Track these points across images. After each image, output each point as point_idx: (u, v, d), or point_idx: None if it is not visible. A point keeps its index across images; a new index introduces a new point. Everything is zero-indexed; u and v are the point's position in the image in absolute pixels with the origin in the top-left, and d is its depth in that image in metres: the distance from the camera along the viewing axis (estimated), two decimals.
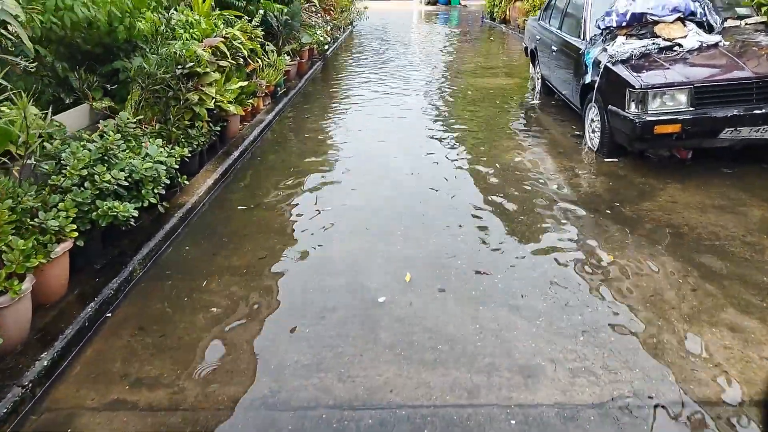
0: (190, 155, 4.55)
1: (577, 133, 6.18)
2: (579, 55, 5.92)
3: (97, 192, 3.27)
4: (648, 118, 4.62)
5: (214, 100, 5.16)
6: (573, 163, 5.33)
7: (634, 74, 4.78)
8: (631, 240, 3.78)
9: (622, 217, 4.12)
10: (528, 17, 15.25)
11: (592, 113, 5.57)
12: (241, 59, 6.48)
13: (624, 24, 5.39)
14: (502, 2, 18.18)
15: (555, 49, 6.89)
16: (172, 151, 4.31)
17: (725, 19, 5.49)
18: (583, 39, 6.02)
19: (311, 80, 9.90)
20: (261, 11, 7.69)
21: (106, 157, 3.53)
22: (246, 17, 7.36)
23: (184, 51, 4.87)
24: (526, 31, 9.05)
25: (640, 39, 5.25)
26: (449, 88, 8.99)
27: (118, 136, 3.61)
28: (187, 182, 4.49)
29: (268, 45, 8.27)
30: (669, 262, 3.47)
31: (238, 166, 5.50)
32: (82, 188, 3.24)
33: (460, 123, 6.89)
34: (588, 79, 5.53)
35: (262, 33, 7.70)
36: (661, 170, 4.99)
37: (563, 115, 6.95)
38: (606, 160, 5.28)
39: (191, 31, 5.39)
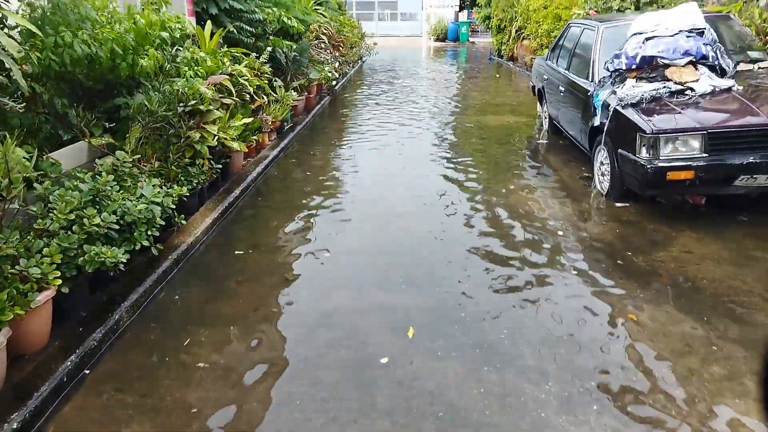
0: (188, 194, 4.44)
1: (586, 174, 6.03)
2: (587, 97, 5.83)
3: (86, 236, 3.14)
4: (660, 164, 4.47)
5: (216, 138, 5.08)
6: (582, 207, 5.18)
7: (645, 118, 4.66)
8: (644, 295, 3.59)
9: (635, 269, 3.93)
10: (535, 55, 15.35)
11: (602, 156, 5.44)
12: (247, 96, 6.44)
13: (633, 67, 5.30)
14: (510, 40, 18.33)
15: (563, 89, 6.81)
16: (170, 190, 4.21)
17: (737, 63, 5.39)
18: (592, 80, 5.93)
19: (319, 115, 9.89)
20: (269, 48, 7.70)
21: (98, 198, 3.41)
22: (254, 54, 7.37)
23: (187, 89, 4.81)
24: (534, 70, 9.02)
25: (651, 82, 5.15)
26: (457, 126, 8.92)
27: (111, 177, 3.49)
28: (184, 221, 4.37)
29: (275, 81, 8.27)
30: (687, 321, 3.26)
31: (239, 204, 5.38)
32: (69, 232, 3.11)
33: (467, 162, 6.77)
34: (597, 121, 5.41)
35: (270, 69, 7.69)
36: (674, 217, 4.82)
37: (571, 155, 6.82)
38: (616, 204, 5.12)
39: (196, 68, 5.36)
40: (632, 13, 8.53)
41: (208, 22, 6.53)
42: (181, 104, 4.78)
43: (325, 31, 10.12)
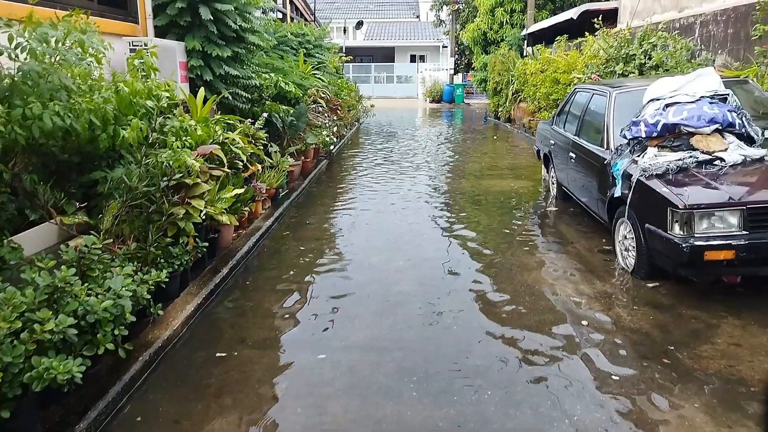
0: (168, 279, 3.93)
1: (606, 247, 5.58)
2: (603, 166, 5.46)
3: (35, 345, 2.61)
4: (696, 243, 4.02)
5: (203, 213, 4.63)
6: (607, 287, 4.68)
7: (675, 191, 4.25)
8: (701, 403, 3.04)
9: (682, 369, 3.39)
10: (533, 117, 15.29)
11: (624, 229, 5.00)
12: (240, 164, 6.06)
13: (654, 135, 4.95)
14: (507, 102, 18.40)
15: (573, 156, 6.47)
16: (146, 276, 3.70)
17: (764, 130, 5.05)
18: (606, 148, 5.58)
19: (315, 180, 9.53)
20: (265, 113, 7.41)
21: (56, 296, 2.90)
22: (250, 120, 7.06)
23: (172, 161, 4.40)
24: (538, 135, 8.75)
25: (675, 151, 4.79)
26: (457, 192, 8.55)
27: (72, 270, 2.99)
28: (161, 312, 3.83)
29: (271, 146, 7.94)
30: None
31: (226, 286, 4.86)
32: (16, 341, 2.59)
33: (471, 234, 6.32)
34: (617, 192, 5.01)
35: (266, 134, 7.37)
36: (711, 299, 4.32)
37: (585, 225, 6.40)
38: (646, 285, 4.63)
39: (185, 138, 4.97)
40: (636, 78, 8.35)
41: (201, 89, 6.23)
42: (165, 178, 4.35)
43: (322, 95, 9.93)
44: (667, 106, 4.96)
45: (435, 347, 3.75)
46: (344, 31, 30.10)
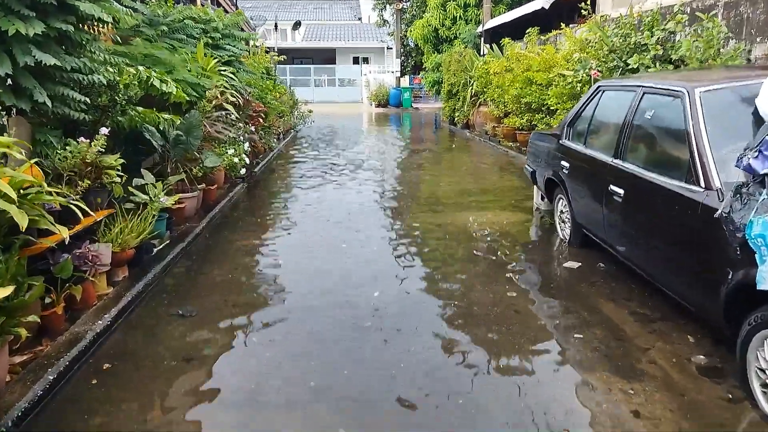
0: None
1: (703, 360, 3.10)
2: (704, 220, 3.01)
3: None
4: None
5: None
6: None
7: None
8: None
9: None
10: (499, 123, 12.99)
11: None
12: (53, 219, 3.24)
13: None
14: (465, 106, 16.09)
15: (619, 191, 4.00)
16: None
17: None
18: (706, 187, 3.14)
19: (220, 217, 6.69)
20: (105, 129, 4.50)
21: None
22: (85, 138, 4.21)
23: None
24: (533, 150, 6.30)
25: None
26: (419, 230, 5.96)
27: None
28: None
29: (143, 177, 5.12)
30: None
31: None
32: None
33: (461, 327, 3.73)
34: (763, 279, 2.54)
35: (120, 159, 4.52)
36: None
37: (644, 301, 3.94)
38: None
39: None
40: (685, 71, 6.04)
41: None
42: None
43: (232, 99, 7.19)
44: None
45: None
46: (275, 27, 27.08)
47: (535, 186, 6.53)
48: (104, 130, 4.26)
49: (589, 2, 8.85)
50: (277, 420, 2.78)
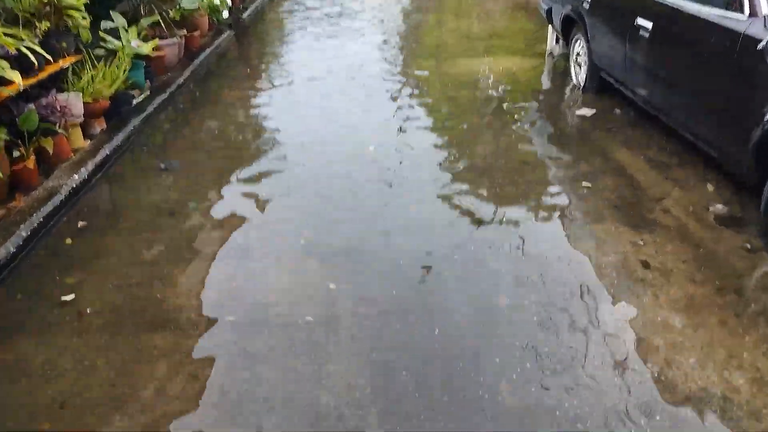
0: None
1: (753, 240, 2.87)
2: (744, 54, 2.60)
3: None
4: None
5: None
6: None
7: None
8: None
9: None
10: None
11: None
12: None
13: None
14: None
15: (647, 24, 3.50)
16: None
17: None
18: (745, 11, 2.68)
19: (206, 66, 6.17)
20: None
21: None
22: None
23: None
24: None
25: None
26: (432, 86, 5.49)
27: None
28: None
29: (114, 20, 4.58)
30: None
31: None
32: None
33: (464, 180, 3.50)
34: None
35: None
36: None
37: (661, 148, 3.65)
38: None
39: None
40: None
41: None
42: None
43: None
44: None
45: None
46: None
47: (549, 26, 5.89)
48: None
49: None
50: (270, 272, 2.65)
